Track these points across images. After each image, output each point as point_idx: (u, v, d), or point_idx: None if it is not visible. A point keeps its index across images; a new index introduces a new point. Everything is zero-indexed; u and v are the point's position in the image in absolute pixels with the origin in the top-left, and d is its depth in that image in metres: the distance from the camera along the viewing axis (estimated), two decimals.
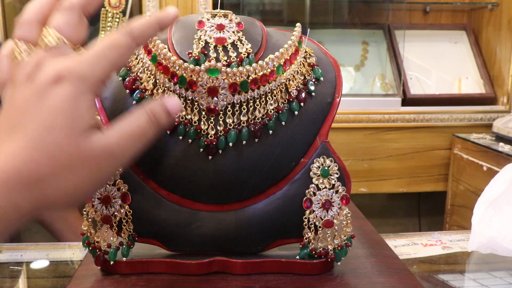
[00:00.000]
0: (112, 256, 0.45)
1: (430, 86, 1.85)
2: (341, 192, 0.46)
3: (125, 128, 0.35)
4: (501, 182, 0.68)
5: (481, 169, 1.55)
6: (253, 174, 0.45)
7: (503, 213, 0.67)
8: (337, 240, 0.47)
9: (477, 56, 1.88)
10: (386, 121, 1.70)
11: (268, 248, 0.47)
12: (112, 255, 0.45)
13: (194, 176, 0.45)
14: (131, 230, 0.46)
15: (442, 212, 1.80)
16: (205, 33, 0.45)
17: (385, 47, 1.85)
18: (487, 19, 1.87)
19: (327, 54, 0.51)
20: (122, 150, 0.35)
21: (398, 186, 1.75)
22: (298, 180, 0.46)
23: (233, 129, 0.44)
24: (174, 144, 0.45)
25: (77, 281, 0.45)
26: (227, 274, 0.46)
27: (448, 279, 0.62)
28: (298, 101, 0.46)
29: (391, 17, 1.90)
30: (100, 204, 0.45)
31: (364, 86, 1.83)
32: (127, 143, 0.35)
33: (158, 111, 0.36)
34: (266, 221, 0.46)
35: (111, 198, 0.45)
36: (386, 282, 0.45)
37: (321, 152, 0.46)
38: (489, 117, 1.75)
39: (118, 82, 0.47)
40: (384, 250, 0.53)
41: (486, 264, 0.67)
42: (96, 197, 0.45)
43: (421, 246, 0.70)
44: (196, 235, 0.46)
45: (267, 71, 0.44)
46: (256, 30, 0.47)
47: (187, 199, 0.46)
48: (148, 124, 0.36)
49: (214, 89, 0.43)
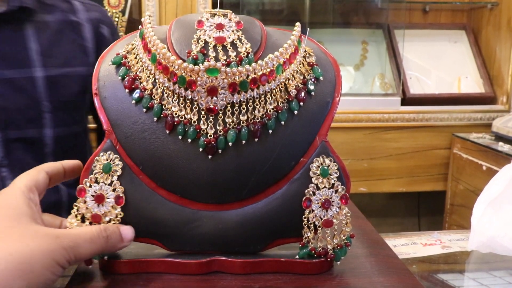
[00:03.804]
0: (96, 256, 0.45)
1: (429, 85, 1.85)
2: (340, 191, 0.46)
3: (78, 230, 0.42)
4: (501, 182, 0.68)
5: (480, 168, 1.55)
6: (252, 174, 0.45)
7: (502, 212, 0.67)
8: (337, 240, 0.47)
9: (476, 55, 1.88)
10: (386, 121, 1.70)
11: (268, 247, 0.47)
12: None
13: (193, 176, 0.45)
14: None
15: (441, 212, 1.80)
16: (205, 33, 0.45)
17: (384, 46, 1.85)
18: (486, 19, 1.88)
19: (326, 53, 0.51)
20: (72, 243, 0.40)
21: (397, 185, 1.76)
22: (298, 180, 0.46)
23: (233, 128, 0.44)
24: (174, 144, 0.45)
25: (76, 280, 0.45)
26: (226, 274, 0.46)
27: (447, 279, 0.62)
28: (298, 101, 0.46)
29: (390, 16, 1.90)
30: (93, 201, 0.45)
31: (364, 86, 1.83)
32: (76, 239, 0.41)
33: (113, 230, 0.44)
34: (265, 220, 0.46)
35: (105, 197, 0.45)
36: (386, 281, 0.45)
37: (321, 152, 0.46)
38: (489, 116, 1.75)
39: (118, 81, 0.47)
40: (384, 249, 0.53)
41: (486, 263, 0.67)
42: (90, 194, 0.45)
43: (421, 246, 0.70)
44: (195, 235, 0.46)
45: (266, 71, 0.44)
46: (255, 29, 0.47)
47: (186, 199, 0.46)
48: (99, 234, 0.42)
49: (214, 88, 0.43)
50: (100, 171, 0.45)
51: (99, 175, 0.45)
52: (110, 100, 0.46)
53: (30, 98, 0.81)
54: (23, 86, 0.81)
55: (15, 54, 0.81)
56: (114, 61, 0.48)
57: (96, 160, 0.45)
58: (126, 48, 0.49)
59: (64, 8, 0.87)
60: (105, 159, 0.45)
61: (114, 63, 0.48)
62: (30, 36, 0.82)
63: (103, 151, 0.45)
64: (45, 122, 0.83)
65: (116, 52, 0.49)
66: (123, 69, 0.47)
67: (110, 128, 0.46)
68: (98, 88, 0.47)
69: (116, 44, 0.51)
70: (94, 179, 0.45)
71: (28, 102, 0.81)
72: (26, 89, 0.81)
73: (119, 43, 0.51)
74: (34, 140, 0.83)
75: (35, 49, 0.82)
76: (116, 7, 1.63)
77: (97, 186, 0.45)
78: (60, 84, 0.84)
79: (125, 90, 0.46)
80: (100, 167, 0.45)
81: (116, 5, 1.63)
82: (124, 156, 0.46)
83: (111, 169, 0.45)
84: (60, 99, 0.84)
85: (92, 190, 0.45)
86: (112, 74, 0.48)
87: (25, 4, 0.80)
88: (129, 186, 0.45)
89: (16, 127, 0.81)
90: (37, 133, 0.83)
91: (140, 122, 0.45)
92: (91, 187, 0.45)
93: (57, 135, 0.84)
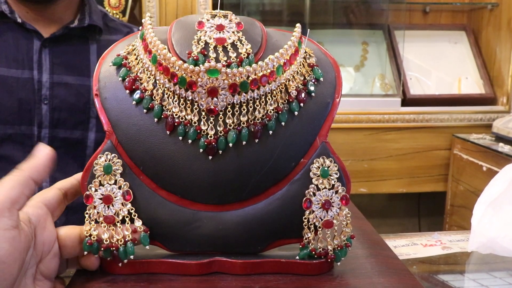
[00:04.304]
0: (123, 255, 0.45)
1: (429, 86, 1.85)
2: (340, 192, 0.46)
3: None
4: (501, 182, 0.68)
5: (480, 169, 1.55)
6: (253, 175, 0.45)
7: (503, 213, 0.67)
8: (337, 241, 0.47)
9: (476, 56, 1.88)
10: (386, 122, 1.70)
11: (268, 248, 0.47)
12: (122, 254, 0.45)
13: (194, 177, 0.45)
14: (141, 226, 0.45)
15: (441, 213, 1.80)
16: (205, 34, 0.45)
17: (385, 47, 1.85)
18: (486, 20, 1.88)
19: (327, 54, 0.51)
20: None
21: (398, 186, 1.76)
22: (298, 181, 0.46)
23: (233, 129, 0.44)
24: (174, 144, 0.45)
25: (77, 280, 0.45)
26: (226, 275, 0.46)
27: (448, 280, 0.62)
28: (298, 102, 0.46)
29: (391, 17, 1.90)
30: (102, 204, 0.45)
31: (364, 87, 1.83)
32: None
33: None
34: (266, 221, 0.46)
35: (113, 197, 0.45)
36: (386, 282, 0.45)
37: (321, 153, 0.46)
38: (489, 117, 1.75)
39: (118, 82, 0.47)
40: (384, 250, 0.53)
41: (486, 264, 0.67)
42: (97, 197, 0.45)
43: (421, 247, 0.70)
44: (196, 235, 0.46)
45: (267, 72, 0.44)
46: (256, 30, 0.47)
47: (187, 200, 0.46)
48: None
49: (214, 89, 0.43)
50: (101, 173, 0.45)
51: (102, 177, 0.45)
52: (110, 101, 0.47)
53: (83, 103, 0.95)
54: (79, 91, 0.94)
55: (78, 64, 0.95)
56: (114, 62, 0.48)
57: (95, 163, 0.45)
58: (126, 49, 0.49)
59: (124, 32, 1.03)
60: (104, 160, 0.45)
61: (115, 64, 0.48)
62: (93, 50, 0.97)
63: (103, 151, 0.45)
64: (90, 127, 0.95)
65: (116, 53, 0.49)
66: (124, 70, 0.47)
67: (110, 129, 0.46)
68: (99, 89, 0.47)
69: (117, 45, 0.51)
70: (98, 183, 0.45)
71: (80, 106, 0.94)
72: (81, 94, 0.94)
73: (120, 44, 0.51)
74: (78, 141, 0.95)
75: (94, 62, 0.95)
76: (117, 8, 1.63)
77: (102, 189, 0.45)
78: None
79: (126, 91, 0.46)
80: (101, 169, 0.45)
81: (117, 5, 1.63)
82: (125, 157, 0.46)
83: (112, 169, 0.45)
84: None
85: (98, 193, 0.45)
86: (113, 75, 0.48)
87: (93, 23, 0.96)
88: (130, 187, 0.45)
89: (65, 127, 0.93)
90: (81, 135, 0.95)
91: (140, 123, 0.45)
92: (97, 191, 0.45)
93: (98, 140, 0.95)
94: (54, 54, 0.93)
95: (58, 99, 0.93)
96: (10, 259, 0.38)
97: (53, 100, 0.92)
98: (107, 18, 1.02)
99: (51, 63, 0.93)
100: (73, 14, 0.96)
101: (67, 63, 0.94)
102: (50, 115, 0.92)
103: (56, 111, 0.93)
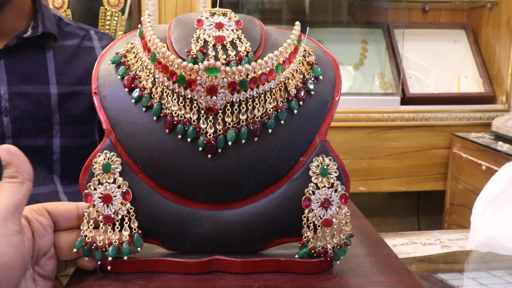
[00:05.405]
0: (111, 253, 0.45)
1: (429, 85, 1.85)
2: (340, 191, 0.46)
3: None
4: (500, 181, 0.68)
5: (480, 168, 1.55)
6: (252, 173, 0.45)
7: (502, 211, 0.67)
8: (336, 239, 0.47)
9: (476, 55, 1.88)
10: (385, 120, 1.70)
11: (267, 247, 0.47)
12: (111, 252, 0.45)
13: (193, 175, 0.45)
14: (136, 227, 0.45)
15: (441, 211, 1.81)
16: (204, 32, 0.45)
17: (384, 46, 1.85)
18: (486, 18, 1.87)
19: (326, 53, 0.51)
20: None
21: (397, 185, 1.76)
22: (297, 179, 0.46)
23: (232, 128, 0.44)
24: (173, 143, 0.45)
25: (76, 279, 0.45)
26: (226, 273, 0.46)
27: (447, 278, 0.62)
28: (297, 100, 0.46)
29: (390, 16, 1.90)
30: (101, 202, 0.45)
31: (363, 85, 1.83)
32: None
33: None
34: (265, 220, 0.46)
35: (112, 196, 0.45)
36: (385, 281, 0.45)
37: (320, 151, 0.46)
38: (488, 116, 1.75)
39: (117, 80, 0.47)
40: (383, 249, 0.53)
41: (485, 263, 0.67)
42: (97, 196, 0.45)
43: (420, 245, 0.70)
44: (195, 234, 0.46)
45: (266, 70, 0.44)
46: (255, 28, 0.47)
47: (186, 198, 0.46)
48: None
49: (213, 88, 0.43)
50: (100, 171, 0.45)
51: (101, 176, 0.45)
52: (109, 99, 0.46)
53: (44, 111, 0.93)
54: (39, 100, 0.93)
55: (36, 73, 0.93)
56: (113, 60, 0.48)
57: (94, 162, 0.45)
58: (125, 47, 0.49)
59: (81, 35, 1.01)
60: (103, 158, 0.45)
61: (114, 62, 0.48)
62: (50, 58, 0.95)
63: (102, 150, 0.45)
64: (54, 133, 0.94)
65: (115, 51, 0.49)
66: (123, 68, 0.47)
67: (109, 127, 0.46)
68: (98, 87, 0.47)
69: (116, 43, 0.51)
70: (97, 181, 0.45)
71: (41, 114, 0.93)
72: (41, 103, 0.93)
73: (119, 42, 0.51)
74: (43, 148, 0.93)
75: (52, 69, 0.94)
76: (116, 6, 1.63)
77: (101, 187, 0.45)
78: (70, 100, 0.95)
79: (125, 89, 0.46)
80: (100, 168, 0.45)
81: (116, 4, 1.63)
82: (124, 155, 0.46)
83: (111, 168, 0.45)
84: (69, 113, 0.95)
85: (98, 192, 0.45)
86: (112, 73, 0.47)
87: (47, 30, 0.93)
88: (129, 186, 0.45)
89: (27, 135, 0.92)
90: (46, 142, 0.94)
91: (139, 121, 0.45)
92: (96, 189, 0.45)
93: (64, 145, 0.95)
94: (10, 65, 0.91)
95: (18, 109, 0.91)
96: (16, 264, 0.38)
97: (14, 111, 0.90)
98: (62, 22, 1.00)
99: (8, 74, 0.91)
100: (25, 23, 0.93)
101: (25, 73, 0.92)
102: (12, 126, 0.91)
103: (18, 122, 0.91)
